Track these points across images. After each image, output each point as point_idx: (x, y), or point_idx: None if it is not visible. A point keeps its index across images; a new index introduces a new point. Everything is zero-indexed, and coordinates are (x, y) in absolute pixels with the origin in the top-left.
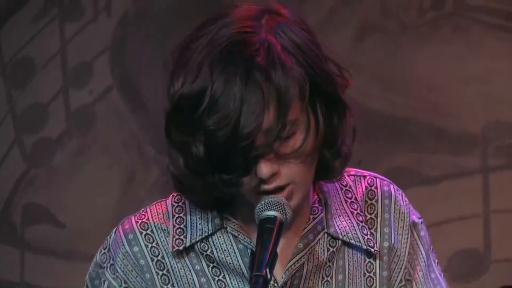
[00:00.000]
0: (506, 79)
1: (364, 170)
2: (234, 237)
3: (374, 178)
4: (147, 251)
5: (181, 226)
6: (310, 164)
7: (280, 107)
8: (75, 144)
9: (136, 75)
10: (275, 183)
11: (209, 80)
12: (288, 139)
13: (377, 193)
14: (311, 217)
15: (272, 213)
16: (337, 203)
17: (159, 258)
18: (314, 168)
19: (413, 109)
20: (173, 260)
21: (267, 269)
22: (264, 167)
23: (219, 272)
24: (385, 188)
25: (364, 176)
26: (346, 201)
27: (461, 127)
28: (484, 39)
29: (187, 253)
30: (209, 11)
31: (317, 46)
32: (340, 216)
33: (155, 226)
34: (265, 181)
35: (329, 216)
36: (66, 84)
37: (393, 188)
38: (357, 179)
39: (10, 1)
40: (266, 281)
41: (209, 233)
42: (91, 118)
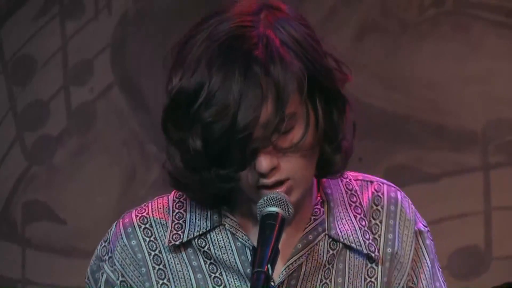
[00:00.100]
0: (506, 77)
1: (372, 176)
2: (232, 234)
3: (381, 184)
4: (145, 245)
5: (180, 221)
6: (310, 159)
7: (278, 101)
8: (76, 142)
9: (137, 73)
10: (275, 177)
11: (207, 75)
12: (287, 133)
13: (383, 199)
14: (312, 218)
15: (274, 209)
16: (340, 206)
17: (156, 252)
18: (314, 164)
19: (413, 108)
20: (170, 255)
21: (269, 265)
22: (263, 160)
23: (216, 269)
24: (391, 194)
25: (371, 182)
26: (350, 205)
27: (461, 124)
28: (484, 36)
29: (185, 249)
30: (209, 11)
31: (316, 41)
32: (343, 219)
33: (154, 220)
34: (264, 175)
35: (331, 219)
36: (66, 82)
37: (400, 195)
38: (364, 184)
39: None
40: (268, 277)
41: (207, 229)
42: (91, 117)
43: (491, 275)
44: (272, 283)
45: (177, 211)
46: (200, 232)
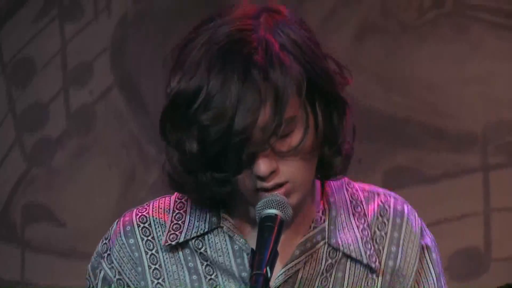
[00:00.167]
0: (506, 79)
1: (379, 187)
2: (230, 237)
3: (388, 197)
4: (142, 244)
5: (179, 222)
6: (309, 163)
7: (277, 105)
8: (75, 144)
9: (136, 75)
10: (274, 180)
11: (206, 78)
12: (286, 137)
13: (390, 211)
14: (312, 225)
15: (273, 211)
16: (343, 215)
17: (153, 252)
18: (314, 167)
19: (413, 109)
20: (166, 255)
21: (268, 268)
22: (262, 164)
23: (212, 271)
24: (398, 207)
25: (379, 194)
26: (354, 215)
27: (461, 126)
28: (484, 38)
29: (182, 250)
30: (209, 11)
31: (316, 45)
32: (345, 228)
33: (154, 220)
34: (263, 178)
35: (332, 227)
36: (66, 84)
37: (407, 208)
38: (371, 196)
39: (10, 1)
40: (267, 280)
41: (204, 231)
42: (91, 118)
43: (491, 276)
44: None
45: (177, 211)
46: (198, 234)
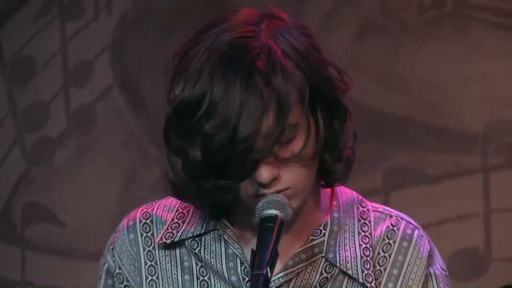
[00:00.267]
0: (506, 78)
1: (395, 210)
2: (225, 241)
3: (399, 219)
4: (141, 240)
5: (179, 221)
6: (310, 169)
7: (280, 112)
8: (75, 143)
9: (137, 74)
10: (275, 187)
11: (209, 85)
12: (288, 144)
13: (398, 234)
14: (310, 238)
15: (273, 211)
16: (348, 232)
17: (150, 248)
18: (314, 172)
19: (413, 109)
20: (162, 253)
21: (268, 268)
22: (264, 172)
23: (206, 272)
24: (407, 231)
25: (391, 216)
26: (359, 233)
27: (461, 126)
28: (484, 38)
29: (180, 249)
30: (209, 12)
31: (317, 51)
32: (347, 245)
33: (156, 217)
34: (265, 185)
35: (332, 242)
36: (66, 83)
37: (417, 233)
38: (382, 216)
39: (10, 0)
40: (267, 280)
41: (201, 232)
42: (91, 118)
43: (491, 276)
44: None
45: (180, 211)
46: (194, 234)
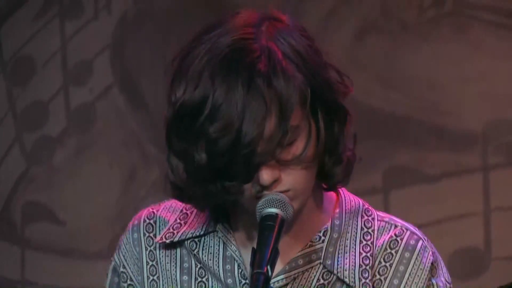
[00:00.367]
0: (506, 78)
1: (401, 220)
2: (224, 243)
3: (404, 230)
4: (144, 240)
5: (182, 221)
6: (310, 171)
7: (281, 114)
8: (75, 143)
9: (136, 73)
10: (276, 189)
11: (210, 88)
12: (289, 146)
13: (401, 244)
14: (309, 243)
15: (273, 210)
16: (349, 240)
17: (151, 248)
18: (314, 174)
19: (413, 108)
20: (163, 253)
21: (268, 267)
22: (265, 174)
23: (204, 273)
24: (411, 241)
25: (396, 226)
26: (361, 242)
27: (461, 125)
28: (484, 37)
29: (181, 249)
30: (209, 12)
31: (317, 53)
32: (346, 253)
33: (160, 218)
34: (266, 187)
35: (331, 249)
36: (66, 82)
37: (421, 244)
38: (387, 226)
39: (10, 0)
40: (268, 279)
41: (200, 233)
42: (91, 117)
43: (491, 275)
44: None
45: (184, 211)
46: (194, 235)
